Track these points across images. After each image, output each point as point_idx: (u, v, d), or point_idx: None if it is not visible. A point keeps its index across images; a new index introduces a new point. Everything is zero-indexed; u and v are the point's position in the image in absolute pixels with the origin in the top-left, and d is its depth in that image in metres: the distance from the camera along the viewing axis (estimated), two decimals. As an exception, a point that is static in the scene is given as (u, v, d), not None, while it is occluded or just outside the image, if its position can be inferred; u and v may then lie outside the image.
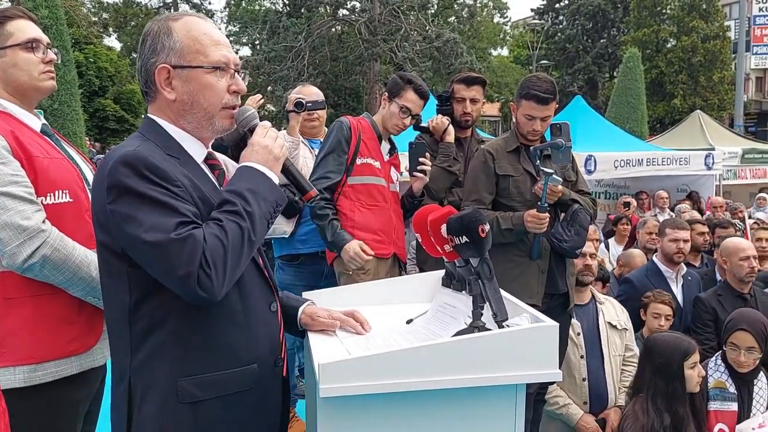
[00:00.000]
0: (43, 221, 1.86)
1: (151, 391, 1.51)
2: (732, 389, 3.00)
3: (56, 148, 2.05)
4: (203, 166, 1.64)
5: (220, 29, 1.70)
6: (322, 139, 3.86)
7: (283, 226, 3.60)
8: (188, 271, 1.38)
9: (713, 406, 2.98)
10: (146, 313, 1.50)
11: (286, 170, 1.71)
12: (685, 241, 4.30)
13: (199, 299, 1.42)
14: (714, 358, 3.10)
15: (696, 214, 7.32)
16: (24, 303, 1.89)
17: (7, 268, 1.85)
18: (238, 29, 26.23)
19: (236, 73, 1.63)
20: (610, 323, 3.65)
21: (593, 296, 3.75)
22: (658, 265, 4.32)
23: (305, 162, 3.68)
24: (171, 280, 1.42)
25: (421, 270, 3.52)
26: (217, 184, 1.63)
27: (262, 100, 3.83)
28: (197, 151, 1.63)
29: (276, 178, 1.61)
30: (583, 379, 3.56)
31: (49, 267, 1.85)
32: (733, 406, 2.98)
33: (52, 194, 1.93)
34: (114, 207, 1.42)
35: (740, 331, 3.03)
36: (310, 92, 3.81)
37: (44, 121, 2.10)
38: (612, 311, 3.72)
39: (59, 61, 2.15)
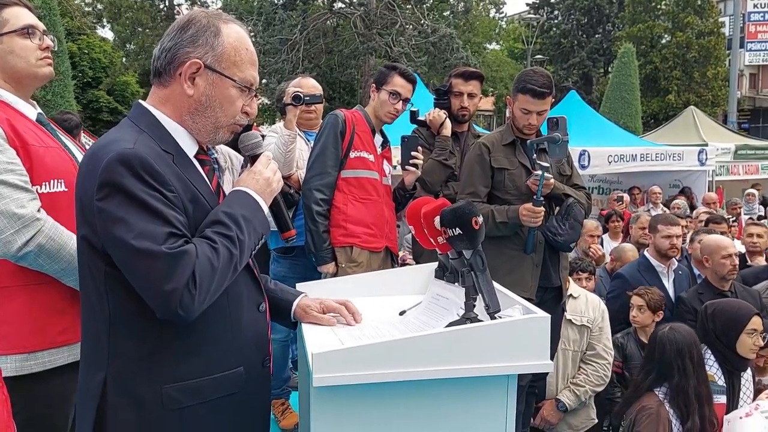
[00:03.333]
0: (38, 210, 1.85)
1: (132, 398, 1.47)
2: (721, 382, 3.02)
3: (52, 137, 2.04)
4: (194, 161, 1.61)
5: None
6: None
7: None
8: (174, 288, 1.35)
9: None
10: (127, 318, 1.47)
11: (275, 203, 1.73)
12: (678, 236, 4.31)
13: (174, 317, 1.38)
14: (702, 351, 3.12)
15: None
16: (17, 292, 1.89)
17: (0, 256, 1.84)
18: (232, 21, 25.98)
19: (254, 97, 1.64)
20: (565, 317, 3.61)
21: (567, 289, 3.70)
22: (650, 260, 4.33)
23: (301, 155, 3.69)
24: (152, 293, 1.38)
25: (417, 263, 3.52)
26: (207, 180, 1.61)
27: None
28: (189, 146, 1.60)
29: (267, 210, 1.63)
30: None
31: (44, 256, 1.85)
32: (723, 399, 2.99)
33: (47, 183, 1.92)
34: (103, 205, 1.39)
35: (757, 316, 3.08)
36: (309, 85, 3.80)
37: (39, 110, 2.08)
38: (580, 307, 3.69)
39: (55, 49, 2.14)
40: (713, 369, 3.05)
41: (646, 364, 3.04)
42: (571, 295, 3.70)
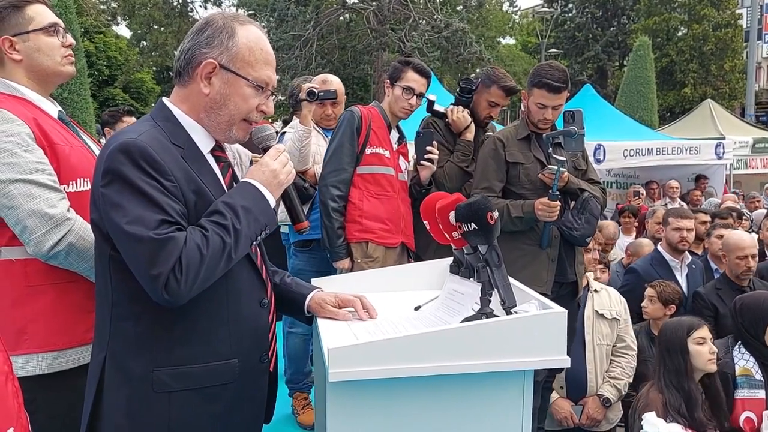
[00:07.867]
0: (68, 209, 1.87)
1: (124, 378, 1.54)
2: (758, 376, 2.97)
3: (74, 135, 2.05)
4: (209, 157, 1.66)
5: None
6: None
7: None
8: (159, 272, 1.40)
9: (740, 394, 2.94)
10: (125, 300, 1.54)
11: (287, 195, 1.75)
12: (689, 230, 4.25)
13: (162, 301, 1.43)
14: (737, 345, 3.08)
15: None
16: (45, 290, 1.90)
17: (30, 255, 1.85)
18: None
19: (271, 96, 1.68)
20: (597, 311, 3.62)
21: (587, 284, 3.70)
22: (663, 254, 4.29)
23: (318, 149, 3.71)
24: (141, 276, 1.44)
25: (419, 258, 3.49)
26: (220, 176, 1.66)
27: None
28: (204, 142, 1.65)
29: (273, 201, 1.65)
30: None
31: (74, 255, 1.86)
32: (761, 394, 2.94)
33: (74, 182, 1.93)
34: (105, 191, 1.46)
35: None
36: (328, 82, 3.84)
37: (60, 108, 2.09)
38: (605, 300, 3.68)
39: (76, 47, 2.15)
40: (749, 363, 3.02)
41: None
42: (595, 289, 3.70)
